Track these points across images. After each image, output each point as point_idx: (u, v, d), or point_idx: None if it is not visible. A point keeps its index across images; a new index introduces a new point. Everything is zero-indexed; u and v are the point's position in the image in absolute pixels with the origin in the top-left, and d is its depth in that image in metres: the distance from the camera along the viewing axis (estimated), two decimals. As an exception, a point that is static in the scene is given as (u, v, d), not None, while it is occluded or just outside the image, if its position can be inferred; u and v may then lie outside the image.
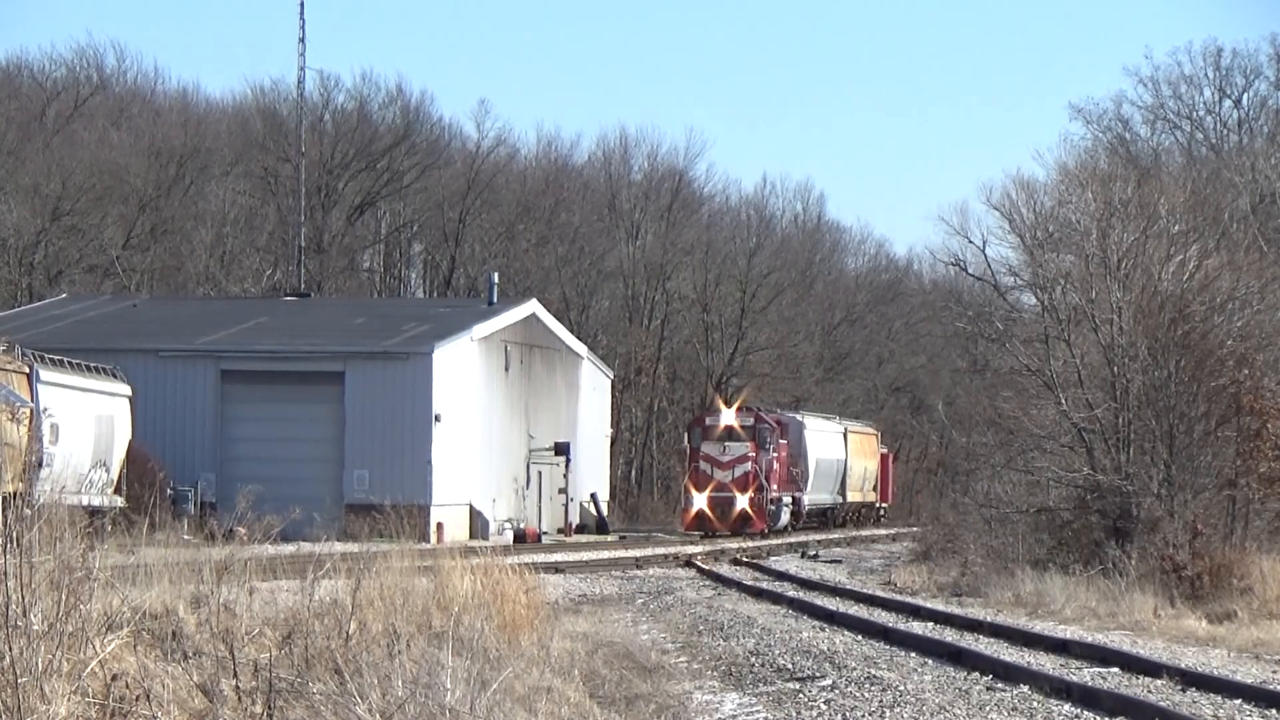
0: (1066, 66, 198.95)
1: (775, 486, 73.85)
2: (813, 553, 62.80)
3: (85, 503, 38.02)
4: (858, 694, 21.35)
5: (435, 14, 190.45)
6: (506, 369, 70.33)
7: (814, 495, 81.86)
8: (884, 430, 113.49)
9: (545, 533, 69.68)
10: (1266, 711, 20.01)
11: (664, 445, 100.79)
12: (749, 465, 72.19)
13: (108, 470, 50.15)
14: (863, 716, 19.63)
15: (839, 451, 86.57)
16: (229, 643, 17.28)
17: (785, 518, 76.16)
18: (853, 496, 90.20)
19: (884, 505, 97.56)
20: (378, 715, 15.65)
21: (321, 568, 21.17)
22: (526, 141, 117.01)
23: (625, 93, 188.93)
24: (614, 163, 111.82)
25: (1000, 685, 21.98)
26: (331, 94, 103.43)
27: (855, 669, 23.95)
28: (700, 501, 71.82)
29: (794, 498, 77.64)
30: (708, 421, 73.86)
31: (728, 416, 73.20)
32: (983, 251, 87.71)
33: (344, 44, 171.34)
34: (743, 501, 71.72)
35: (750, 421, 73.15)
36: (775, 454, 73.80)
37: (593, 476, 77.65)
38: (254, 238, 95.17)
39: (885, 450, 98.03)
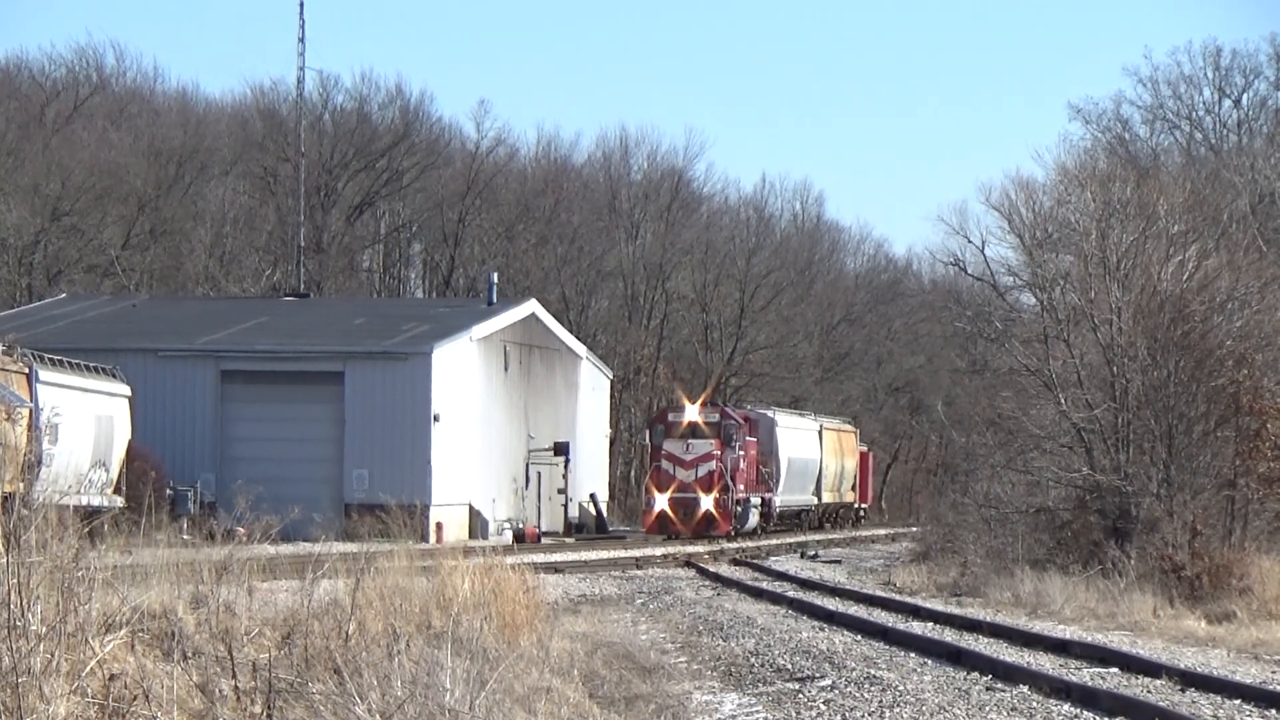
0: (1066, 66, 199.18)
1: (742, 487, 69.82)
2: (812, 553, 62.80)
3: (85, 503, 38.02)
4: (857, 694, 21.35)
5: (435, 14, 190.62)
6: (506, 369, 70.35)
7: (786, 496, 77.88)
8: (883, 430, 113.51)
9: (545, 533, 69.67)
10: (1266, 711, 20.01)
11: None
12: (713, 464, 68.14)
13: (107, 470, 50.16)
14: (862, 717, 19.62)
15: (813, 450, 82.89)
16: (228, 643, 17.28)
17: (754, 520, 72.17)
18: (829, 497, 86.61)
19: (863, 506, 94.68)
20: (377, 715, 15.65)
21: (321, 568, 21.18)
22: (526, 141, 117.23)
23: (625, 93, 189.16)
24: (613, 163, 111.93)
25: (1000, 685, 21.98)
26: (331, 94, 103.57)
27: (855, 669, 23.95)
28: (662, 502, 67.90)
29: (763, 498, 73.59)
30: (670, 418, 69.84)
31: (691, 412, 69.13)
32: (982, 251, 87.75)
33: (344, 44, 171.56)
34: (707, 502, 67.85)
35: (715, 418, 69.21)
36: (742, 452, 69.67)
37: (592, 476, 77.64)
38: (253, 238, 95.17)
39: (865, 448, 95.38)
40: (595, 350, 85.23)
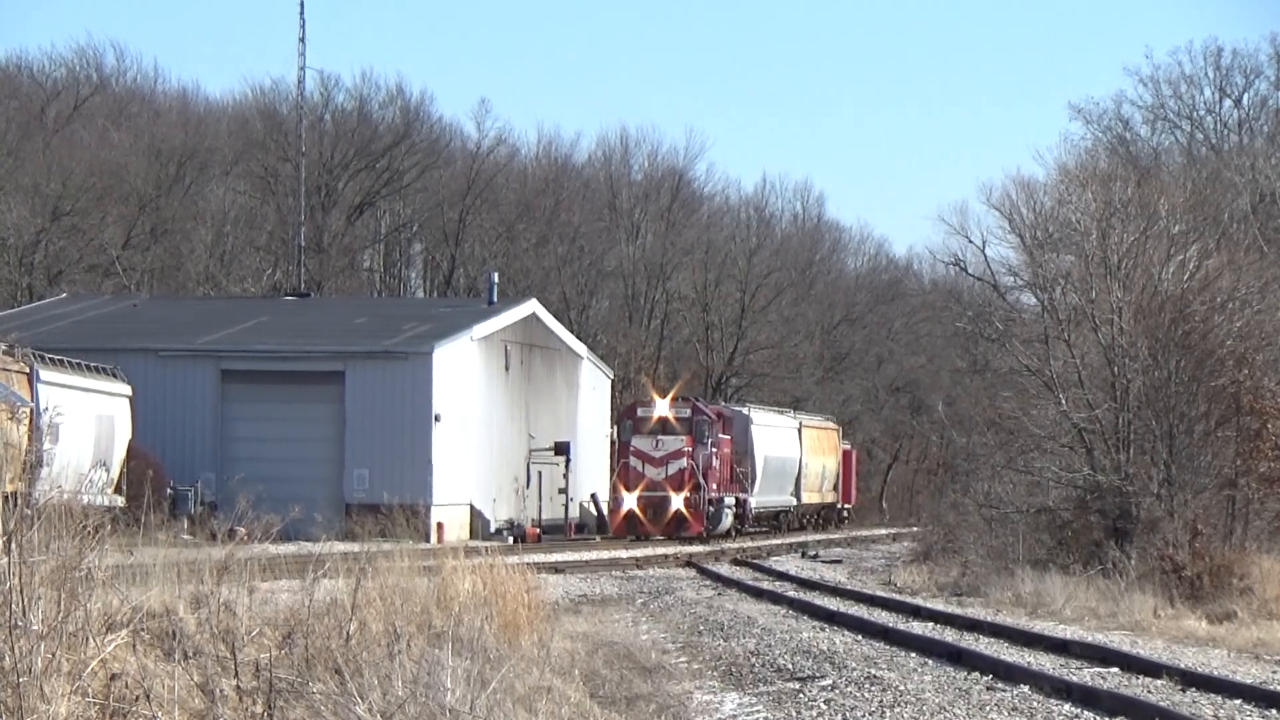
0: (1066, 66, 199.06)
1: (715, 486, 66.71)
2: (813, 553, 62.81)
3: (85, 502, 37.99)
4: (858, 694, 21.35)
5: (435, 14, 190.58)
6: (506, 369, 70.34)
7: (762, 496, 74.62)
8: (883, 430, 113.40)
9: (545, 532, 69.61)
10: (1266, 711, 20.01)
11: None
12: (684, 461, 65.36)
13: (108, 470, 50.17)
14: (863, 716, 19.62)
15: (792, 449, 79.97)
16: (229, 643, 17.28)
17: (727, 520, 68.71)
18: (809, 497, 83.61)
19: (846, 506, 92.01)
20: (378, 715, 15.65)
21: (322, 567, 21.17)
22: (526, 141, 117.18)
23: (625, 93, 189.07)
24: (614, 163, 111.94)
25: (1000, 685, 21.98)
26: (331, 94, 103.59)
27: (855, 669, 23.95)
28: (630, 502, 65.34)
29: (738, 498, 70.27)
30: (639, 413, 66.75)
31: (661, 407, 66.23)
32: (982, 251, 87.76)
33: (344, 44, 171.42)
34: (677, 502, 64.98)
35: (686, 413, 66.27)
36: (715, 449, 66.71)
37: (592, 476, 77.60)
38: (254, 237, 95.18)
39: (848, 446, 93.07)
40: (595, 350, 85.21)
